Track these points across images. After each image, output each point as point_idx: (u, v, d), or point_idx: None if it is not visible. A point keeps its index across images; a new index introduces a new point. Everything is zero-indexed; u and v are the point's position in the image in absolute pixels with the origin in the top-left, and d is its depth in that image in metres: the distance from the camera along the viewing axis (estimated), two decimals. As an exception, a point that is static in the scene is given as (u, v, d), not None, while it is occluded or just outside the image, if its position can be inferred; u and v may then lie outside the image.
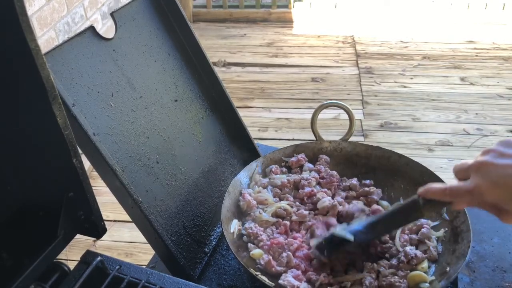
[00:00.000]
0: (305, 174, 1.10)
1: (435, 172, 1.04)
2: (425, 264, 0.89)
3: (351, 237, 0.86)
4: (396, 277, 0.86)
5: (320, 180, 1.09)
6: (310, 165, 1.12)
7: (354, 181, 1.09)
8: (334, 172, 1.10)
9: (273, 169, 1.11)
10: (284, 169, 1.13)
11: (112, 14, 0.95)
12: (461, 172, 0.72)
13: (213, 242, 1.04)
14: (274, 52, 4.07)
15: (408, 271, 0.88)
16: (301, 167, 1.13)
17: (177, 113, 1.05)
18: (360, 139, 2.89)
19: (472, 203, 0.73)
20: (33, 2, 2.10)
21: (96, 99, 0.87)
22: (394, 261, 0.90)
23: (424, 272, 0.88)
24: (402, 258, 0.89)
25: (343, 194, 1.07)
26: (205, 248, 1.02)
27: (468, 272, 0.97)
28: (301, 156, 1.13)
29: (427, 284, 0.85)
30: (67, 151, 0.64)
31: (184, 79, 1.10)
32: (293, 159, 1.13)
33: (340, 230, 0.89)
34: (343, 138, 1.15)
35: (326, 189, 1.07)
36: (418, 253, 0.90)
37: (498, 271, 0.97)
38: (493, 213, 0.70)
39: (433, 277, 0.87)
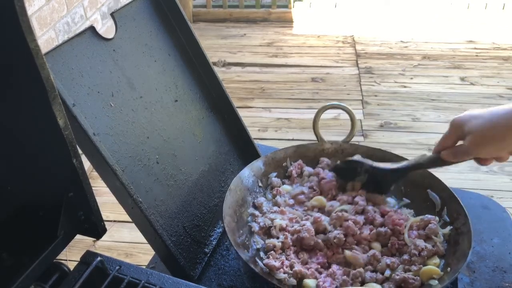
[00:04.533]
0: (303, 188, 1.08)
1: (434, 173, 1.04)
2: (436, 260, 0.90)
3: (369, 162, 1.02)
4: (409, 273, 0.87)
5: (321, 183, 1.08)
6: (310, 169, 1.12)
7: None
8: (331, 173, 1.09)
9: (274, 182, 1.11)
10: (286, 184, 1.12)
11: (112, 14, 0.95)
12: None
13: (213, 243, 1.04)
14: (274, 52, 4.07)
15: (421, 266, 0.88)
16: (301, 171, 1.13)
17: (177, 113, 1.05)
18: (360, 139, 2.89)
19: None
20: (33, 2, 2.10)
21: (96, 99, 0.87)
22: (405, 257, 0.91)
23: (436, 267, 0.88)
24: (413, 251, 0.90)
25: (344, 197, 1.05)
26: (205, 248, 1.02)
27: (468, 273, 0.96)
28: (299, 162, 1.13)
29: (436, 281, 0.85)
30: (67, 151, 0.64)
31: (184, 79, 1.10)
32: (291, 168, 1.13)
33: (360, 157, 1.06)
34: (345, 140, 1.15)
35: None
36: (428, 245, 0.91)
37: (498, 271, 0.97)
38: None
39: (442, 273, 0.87)
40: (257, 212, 1.03)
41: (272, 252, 0.92)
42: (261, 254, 0.95)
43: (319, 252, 0.94)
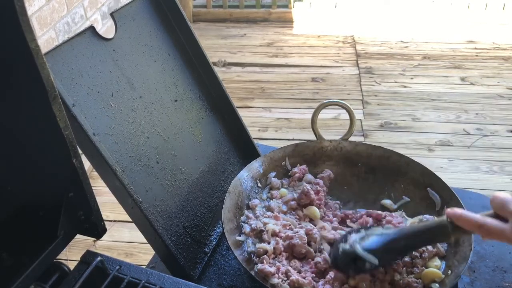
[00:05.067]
0: (296, 194, 1.08)
1: (435, 172, 1.04)
2: (437, 262, 0.90)
3: (375, 261, 0.81)
4: (412, 275, 0.87)
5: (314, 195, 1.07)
6: (311, 177, 1.11)
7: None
8: (324, 188, 1.08)
9: (273, 182, 1.10)
10: (284, 182, 1.12)
11: (112, 14, 0.95)
12: (501, 210, 0.68)
13: (213, 242, 1.04)
14: (274, 52, 4.07)
15: (423, 268, 0.88)
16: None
17: (177, 113, 1.05)
18: (360, 139, 2.89)
19: (502, 240, 0.70)
20: (33, 2, 2.10)
21: (96, 99, 0.87)
22: (407, 259, 0.90)
23: (438, 270, 0.88)
24: (414, 253, 0.90)
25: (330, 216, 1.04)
26: (205, 248, 1.02)
27: (468, 272, 0.97)
28: (304, 167, 1.13)
29: (437, 285, 0.85)
30: (67, 151, 0.64)
31: (184, 79, 1.10)
32: (296, 169, 1.13)
33: (362, 251, 0.82)
34: (344, 137, 1.14)
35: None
36: (428, 246, 0.91)
37: (498, 271, 0.97)
38: None
39: (444, 276, 0.87)
40: (250, 214, 1.02)
41: (265, 256, 0.91)
42: (254, 258, 0.93)
43: (312, 261, 0.92)
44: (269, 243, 0.95)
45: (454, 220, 0.73)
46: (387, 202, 1.06)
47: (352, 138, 1.15)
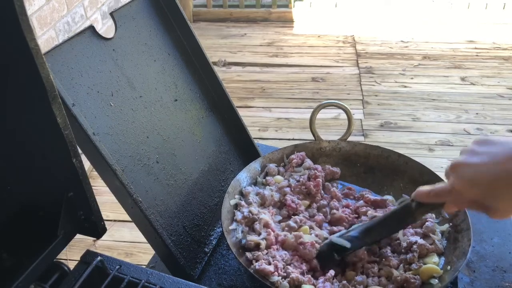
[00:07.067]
0: (292, 180, 1.08)
1: (435, 172, 1.04)
2: (435, 259, 0.89)
3: (347, 244, 0.89)
4: (409, 272, 0.87)
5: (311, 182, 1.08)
6: (310, 163, 1.12)
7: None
8: (321, 174, 1.09)
9: (271, 168, 1.11)
10: (282, 169, 1.12)
11: (111, 14, 0.95)
12: (446, 174, 0.75)
13: (213, 242, 1.04)
14: (274, 52, 4.07)
15: (421, 264, 0.88)
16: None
17: (177, 113, 1.05)
18: (360, 139, 2.89)
19: (458, 204, 0.76)
20: (33, 1, 2.10)
21: (96, 99, 0.87)
22: (403, 256, 0.91)
23: (436, 266, 0.88)
24: (412, 248, 0.90)
25: (325, 202, 1.05)
26: (205, 248, 1.02)
27: (468, 272, 0.97)
28: (302, 154, 1.13)
29: (436, 281, 0.85)
30: (67, 151, 0.64)
31: (184, 78, 1.10)
32: (293, 156, 1.13)
33: (337, 238, 0.91)
34: (342, 138, 1.15)
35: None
36: (426, 243, 0.91)
37: (498, 271, 0.97)
38: (481, 211, 0.71)
39: (442, 271, 0.87)
40: (242, 202, 1.02)
41: (260, 254, 0.90)
42: (248, 255, 0.92)
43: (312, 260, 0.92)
44: (259, 234, 0.94)
45: (414, 196, 0.79)
46: (389, 197, 1.06)
47: (352, 138, 1.15)
